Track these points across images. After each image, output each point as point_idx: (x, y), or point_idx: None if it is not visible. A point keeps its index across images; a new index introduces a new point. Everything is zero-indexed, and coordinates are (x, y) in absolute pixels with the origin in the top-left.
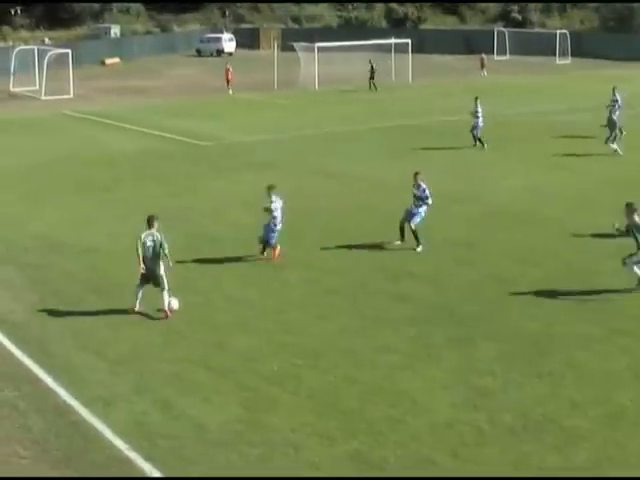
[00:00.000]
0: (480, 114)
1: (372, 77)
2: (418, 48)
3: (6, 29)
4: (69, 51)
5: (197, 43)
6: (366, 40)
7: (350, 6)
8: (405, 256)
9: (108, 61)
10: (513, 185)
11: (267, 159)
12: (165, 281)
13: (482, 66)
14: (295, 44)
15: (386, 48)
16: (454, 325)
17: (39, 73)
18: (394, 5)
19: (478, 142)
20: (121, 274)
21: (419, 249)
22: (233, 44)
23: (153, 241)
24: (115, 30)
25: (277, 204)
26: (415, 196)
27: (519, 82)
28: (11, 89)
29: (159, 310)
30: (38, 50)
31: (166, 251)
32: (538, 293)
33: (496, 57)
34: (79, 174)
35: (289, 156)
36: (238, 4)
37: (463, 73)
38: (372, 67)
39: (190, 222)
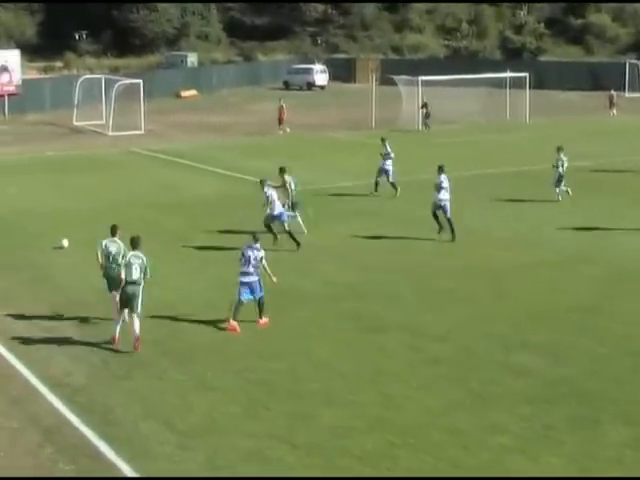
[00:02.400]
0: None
1: (427, 116)
2: (537, 83)
3: (70, 56)
4: (140, 81)
5: (285, 74)
6: (477, 73)
7: (459, 34)
8: (519, 322)
9: (184, 93)
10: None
11: (362, 207)
12: (140, 306)
13: (611, 104)
14: (395, 77)
15: (500, 83)
16: (576, 404)
17: (106, 105)
18: (509, 34)
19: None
20: (194, 335)
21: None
22: (326, 76)
23: (139, 264)
24: (192, 59)
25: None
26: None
27: None
28: (74, 123)
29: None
30: (105, 80)
31: (148, 276)
32: None
33: (628, 94)
34: (148, 220)
35: (387, 204)
36: (332, 31)
37: (588, 112)
38: (426, 106)
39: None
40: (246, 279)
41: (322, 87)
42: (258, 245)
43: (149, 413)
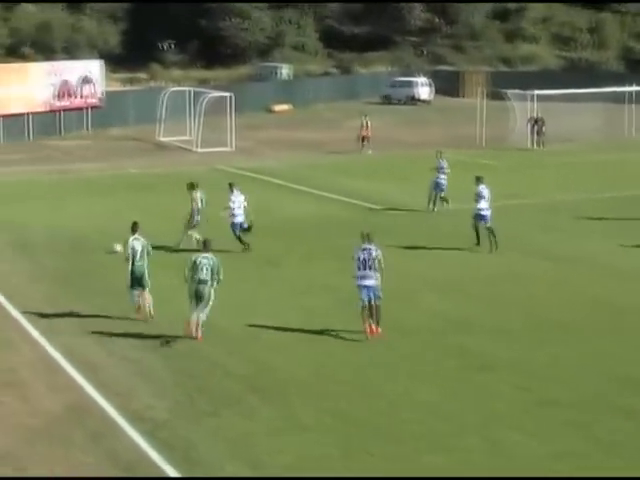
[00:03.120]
0: None
1: (539, 132)
2: None
3: (155, 67)
4: (230, 95)
5: (385, 88)
6: (596, 87)
7: (577, 44)
8: None
9: (276, 108)
10: None
11: (462, 231)
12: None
13: None
14: (506, 91)
15: (621, 97)
16: None
17: (193, 120)
18: (632, 43)
19: None
20: (286, 370)
21: None
22: (430, 90)
23: (209, 265)
24: (286, 70)
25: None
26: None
27: None
28: (159, 138)
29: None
30: (192, 92)
31: (220, 277)
32: None
33: None
34: (237, 242)
35: (496, 230)
36: (437, 41)
37: None
38: (540, 122)
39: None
40: (365, 282)
41: (426, 101)
42: (372, 245)
43: (235, 453)
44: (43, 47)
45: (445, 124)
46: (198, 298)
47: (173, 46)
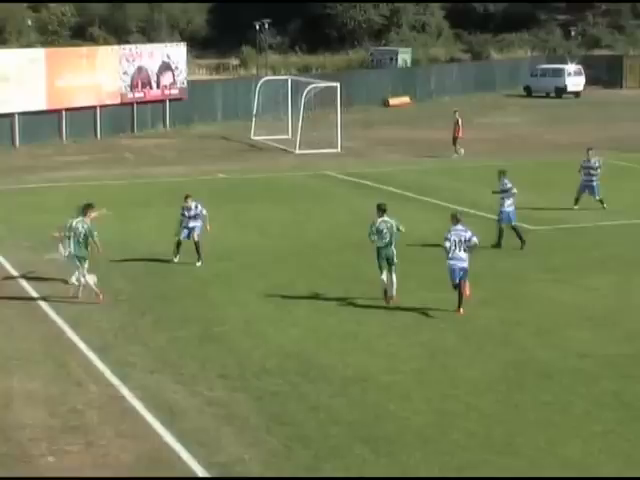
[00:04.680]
0: None
1: None
2: None
3: (248, 51)
4: (337, 85)
5: (526, 77)
6: None
7: None
8: None
9: (393, 101)
10: None
11: (628, 254)
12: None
13: None
14: None
15: None
16: None
17: (293, 116)
18: None
19: None
20: (401, 417)
21: None
22: (582, 79)
23: (388, 227)
24: (404, 56)
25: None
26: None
27: None
28: (252, 137)
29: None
30: (292, 82)
31: (402, 229)
32: None
33: None
34: (345, 265)
35: None
36: (591, 20)
37: None
38: None
39: (509, 343)
40: (456, 264)
41: (576, 94)
42: (460, 226)
43: None
44: (115, 27)
45: (600, 122)
46: (387, 262)
47: (270, 26)
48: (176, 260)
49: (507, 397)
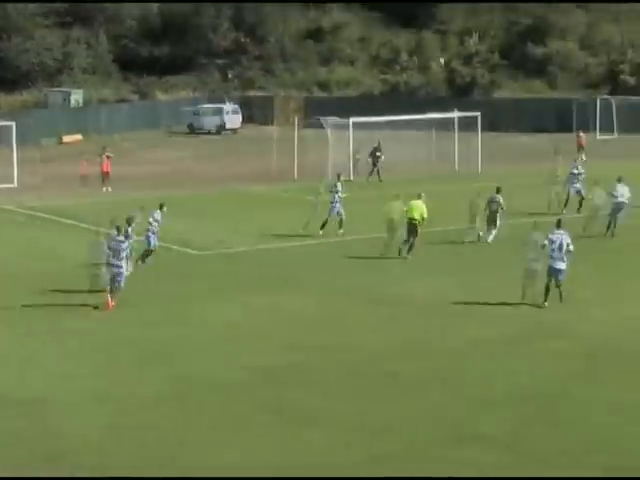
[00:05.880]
0: None
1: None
2: (491, 124)
3: None
4: (12, 124)
5: (190, 116)
6: (419, 113)
7: (398, 67)
8: None
9: (66, 138)
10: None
11: (282, 274)
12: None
13: (579, 148)
14: (322, 119)
15: (447, 124)
16: None
17: None
18: (458, 65)
19: None
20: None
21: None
22: (238, 118)
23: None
24: (76, 97)
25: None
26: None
27: (632, 170)
28: None
29: None
30: None
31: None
32: None
33: (599, 136)
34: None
35: (311, 272)
36: (245, 63)
37: (553, 158)
38: (376, 153)
39: (173, 362)
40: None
41: (234, 130)
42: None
43: None
44: None
45: (257, 155)
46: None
47: None
48: None
49: (178, 410)
